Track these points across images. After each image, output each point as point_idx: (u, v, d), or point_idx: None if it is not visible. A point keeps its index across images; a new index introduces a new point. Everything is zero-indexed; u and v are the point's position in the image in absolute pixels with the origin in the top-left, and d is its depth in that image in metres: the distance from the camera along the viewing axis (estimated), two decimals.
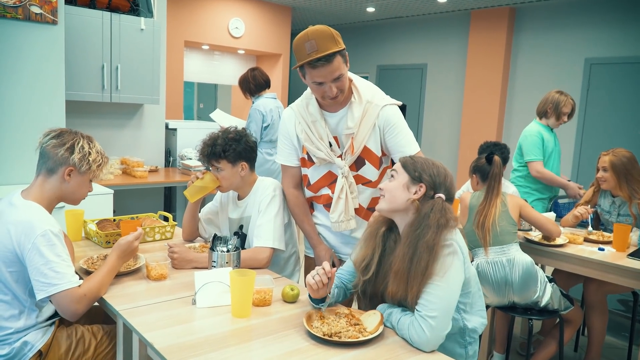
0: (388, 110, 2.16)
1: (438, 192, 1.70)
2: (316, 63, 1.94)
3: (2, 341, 1.76)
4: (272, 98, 4.68)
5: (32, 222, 1.75)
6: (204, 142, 2.33)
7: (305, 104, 2.22)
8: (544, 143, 3.67)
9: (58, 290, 1.70)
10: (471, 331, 1.73)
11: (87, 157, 1.90)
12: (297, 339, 1.58)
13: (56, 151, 1.86)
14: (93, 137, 2.01)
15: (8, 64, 3.29)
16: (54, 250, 1.74)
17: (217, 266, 1.99)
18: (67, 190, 1.91)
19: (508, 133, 7.60)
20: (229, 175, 2.31)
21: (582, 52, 6.78)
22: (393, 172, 1.78)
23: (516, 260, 2.62)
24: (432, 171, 1.71)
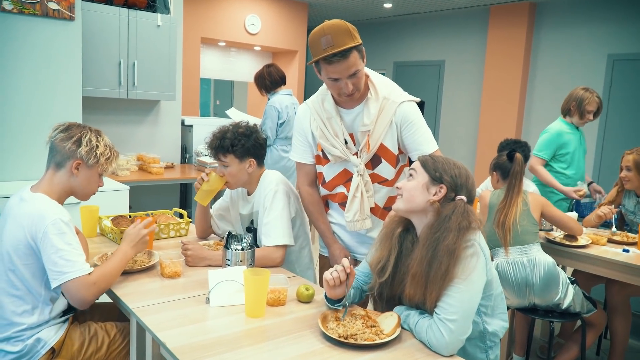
0: (406, 107, 2.10)
1: (459, 194, 1.65)
2: (332, 58, 1.89)
3: (15, 338, 1.75)
4: (288, 95, 4.65)
5: (42, 212, 1.75)
6: (213, 134, 2.29)
7: (321, 100, 2.17)
8: (564, 143, 3.55)
9: (69, 278, 1.70)
10: (492, 335, 1.68)
11: (94, 150, 1.89)
12: (312, 340, 1.54)
13: (64, 144, 1.86)
14: (102, 131, 1.99)
15: (25, 60, 3.30)
16: (64, 238, 1.73)
17: (231, 264, 1.96)
18: (75, 184, 1.90)
19: (527, 131, 7.48)
20: (235, 172, 2.26)
21: (604, 47, 6.64)
22: (412, 172, 1.72)
23: (537, 260, 2.55)
24: (453, 172, 1.65)
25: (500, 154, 2.91)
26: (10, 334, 1.74)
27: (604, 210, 3.00)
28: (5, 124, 3.26)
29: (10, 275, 1.76)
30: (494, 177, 2.90)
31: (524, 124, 7.53)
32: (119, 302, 1.80)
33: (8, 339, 1.74)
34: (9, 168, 3.30)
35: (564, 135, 3.55)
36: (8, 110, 3.26)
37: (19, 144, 3.30)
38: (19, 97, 3.29)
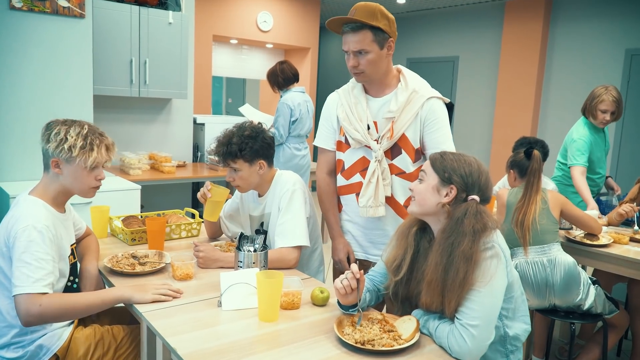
0: (434, 103, 2.11)
1: (471, 194, 1.58)
2: (344, 27, 1.97)
3: (16, 344, 1.70)
4: (301, 92, 4.59)
5: (18, 216, 1.68)
6: (218, 140, 2.20)
7: (351, 87, 2.22)
8: (591, 146, 3.33)
9: (16, 292, 1.59)
10: (513, 339, 1.61)
11: (62, 144, 1.75)
12: (328, 346, 1.49)
13: (42, 146, 1.80)
14: (81, 121, 1.85)
15: (36, 58, 3.28)
16: (29, 247, 1.63)
17: (243, 266, 1.91)
18: (66, 183, 1.81)
19: (543, 127, 7.36)
20: (246, 175, 2.19)
21: (622, 42, 6.50)
22: (422, 173, 1.66)
23: (557, 260, 2.48)
24: (463, 170, 1.58)
25: (517, 151, 2.84)
26: (9, 340, 1.70)
27: (626, 208, 2.91)
28: (17, 123, 3.24)
29: (2, 278, 1.70)
30: (511, 175, 2.83)
31: (539, 121, 7.41)
32: (130, 305, 1.75)
33: (8, 345, 1.70)
34: (20, 167, 3.29)
35: (591, 139, 3.34)
36: (19, 110, 3.24)
37: (30, 143, 3.28)
38: (29, 96, 3.27)
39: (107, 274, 1.99)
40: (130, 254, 2.15)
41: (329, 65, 10.99)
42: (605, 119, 3.28)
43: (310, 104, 4.67)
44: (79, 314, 1.72)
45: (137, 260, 2.09)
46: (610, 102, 3.23)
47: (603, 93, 3.24)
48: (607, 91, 3.24)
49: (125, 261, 2.08)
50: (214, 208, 2.26)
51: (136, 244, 2.40)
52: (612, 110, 3.25)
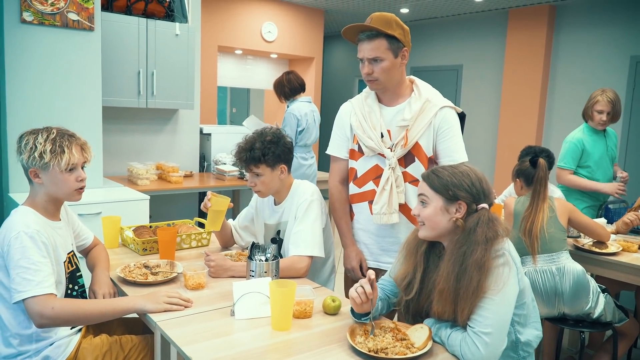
0: (447, 112, 2.15)
1: (480, 203, 1.60)
2: (360, 36, 2.02)
3: (22, 354, 1.71)
4: (307, 102, 4.63)
5: (10, 225, 1.71)
6: (240, 146, 2.24)
7: (364, 96, 2.25)
8: (586, 151, 3.40)
9: (23, 297, 1.61)
10: (524, 345, 1.62)
11: (33, 152, 1.75)
12: (341, 354, 1.50)
13: (18, 158, 1.81)
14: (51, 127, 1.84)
15: (46, 71, 3.32)
16: (25, 253, 1.65)
17: (255, 276, 1.92)
18: (49, 191, 1.82)
19: (548, 135, 7.37)
20: (268, 180, 2.23)
21: (627, 49, 6.52)
22: (423, 198, 1.65)
23: (566, 269, 2.49)
24: (465, 183, 1.59)
25: (522, 160, 2.86)
26: (15, 350, 1.71)
27: (631, 217, 2.92)
28: None
29: (1, 289, 1.72)
30: (517, 183, 2.84)
31: (544, 129, 7.42)
32: (144, 315, 1.77)
33: (14, 355, 1.71)
34: None
35: (585, 144, 3.40)
36: (30, 121, 3.27)
37: None
38: (40, 107, 3.31)
39: (120, 284, 2.01)
40: (142, 263, 2.17)
41: (333, 74, 11.04)
42: (602, 120, 3.35)
43: (316, 113, 4.71)
44: (91, 320, 1.74)
45: (150, 270, 2.11)
46: (605, 103, 3.31)
47: (598, 95, 3.36)
48: (602, 93, 3.35)
49: (137, 271, 2.10)
50: (215, 217, 2.27)
51: (147, 254, 2.42)
52: (607, 110, 3.32)
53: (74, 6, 3.38)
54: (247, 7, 7.30)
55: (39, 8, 3.27)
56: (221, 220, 2.30)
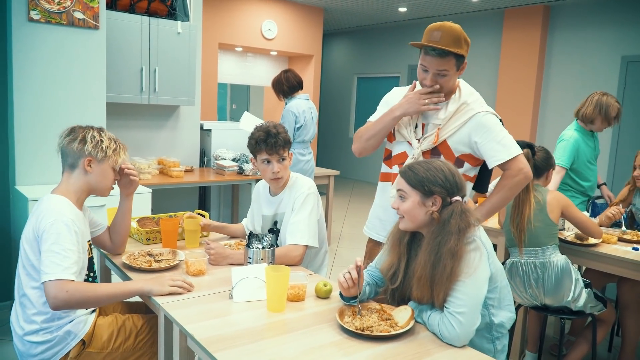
0: (483, 117, 2.15)
1: (453, 196, 1.72)
2: (430, 51, 2.04)
3: (45, 329, 1.85)
4: (305, 99, 4.75)
5: (47, 211, 1.86)
6: (262, 133, 2.37)
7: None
8: (580, 150, 3.47)
9: (45, 279, 1.76)
10: (498, 326, 1.75)
11: (99, 145, 2.01)
12: (331, 332, 1.63)
13: (72, 146, 1.99)
14: (104, 128, 2.10)
15: (52, 68, 3.44)
16: (58, 239, 1.80)
17: (252, 262, 2.06)
18: (92, 181, 2.02)
19: (542, 133, 7.50)
20: (288, 164, 2.44)
21: (618, 49, 6.66)
22: (402, 193, 1.77)
23: (549, 264, 2.60)
24: (438, 179, 1.70)
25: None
26: (39, 326, 1.85)
27: (613, 211, 3.04)
28: (34, 129, 3.40)
29: (30, 270, 1.86)
30: None
31: (538, 126, 7.56)
32: (149, 298, 1.90)
33: (37, 331, 1.85)
34: (38, 172, 3.44)
35: (579, 141, 3.48)
36: (37, 116, 3.40)
37: (47, 148, 3.44)
38: (46, 103, 3.43)
39: (126, 270, 2.14)
40: (146, 252, 2.30)
41: (332, 72, 11.16)
42: (611, 125, 3.46)
43: (314, 110, 4.83)
44: (101, 302, 1.87)
45: (153, 258, 2.24)
46: (617, 108, 3.40)
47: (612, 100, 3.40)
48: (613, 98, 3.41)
49: (142, 259, 2.23)
50: (191, 237, 2.51)
51: (151, 244, 2.55)
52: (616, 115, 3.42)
53: (80, 5, 3.50)
54: (248, 5, 7.42)
55: (46, 7, 3.38)
56: (197, 237, 2.51)
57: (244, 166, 4.86)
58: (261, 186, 2.63)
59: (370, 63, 10.22)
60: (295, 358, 1.46)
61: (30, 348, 1.85)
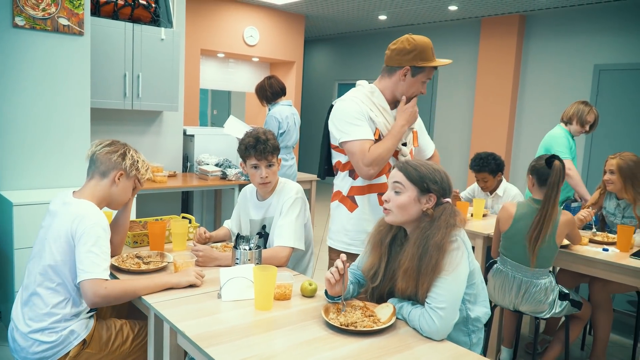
0: None
1: (446, 197, 1.82)
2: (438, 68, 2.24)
3: (50, 329, 1.92)
4: (288, 105, 4.83)
5: (86, 214, 1.96)
6: (252, 139, 2.43)
7: (366, 97, 2.31)
8: (569, 146, 3.88)
9: (87, 277, 1.87)
10: (474, 320, 1.84)
11: (136, 164, 2.18)
12: (316, 328, 1.71)
13: (110, 157, 2.11)
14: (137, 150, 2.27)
15: (37, 74, 3.46)
16: (98, 242, 1.92)
17: (240, 263, 2.13)
18: (115, 193, 2.13)
19: (518, 137, 7.69)
20: (276, 170, 2.50)
21: (591, 58, 6.87)
22: (398, 185, 1.83)
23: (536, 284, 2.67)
24: (436, 178, 1.80)
25: (539, 157, 2.82)
26: (47, 325, 1.91)
27: (583, 214, 3.16)
28: (19, 134, 3.42)
29: (48, 270, 1.94)
30: (530, 180, 2.80)
31: (515, 131, 7.75)
32: (139, 298, 1.95)
33: (44, 329, 1.91)
34: (22, 177, 3.46)
35: (569, 140, 3.92)
36: (22, 121, 3.43)
37: (32, 153, 3.46)
38: (31, 108, 3.45)
39: (115, 272, 2.19)
40: (134, 254, 2.35)
41: (314, 78, 11.26)
42: (586, 129, 3.90)
43: (296, 116, 4.92)
44: (137, 294, 1.94)
45: (142, 260, 2.29)
46: (595, 115, 3.93)
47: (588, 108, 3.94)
48: (590, 106, 3.95)
49: (130, 261, 2.28)
50: (178, 239, 2.57)
51: (138, 247, 2.60)
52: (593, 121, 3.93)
53: (64, 12, 3.54)
54: (230, 12, 7.48)
55: (30, 13, 3.41)
56: (184, 240, 2.58)
57: (227, 171, 4.91)
58: (248, 191, 2.70)
59: (350, 69, 10.35)
60: (283, 352, 1.53)
61: (32, 345, 1.91)
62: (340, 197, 2.39)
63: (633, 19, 6.49)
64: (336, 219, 2.41)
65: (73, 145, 3.64)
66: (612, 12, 6.65)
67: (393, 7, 7.43)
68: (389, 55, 2.29)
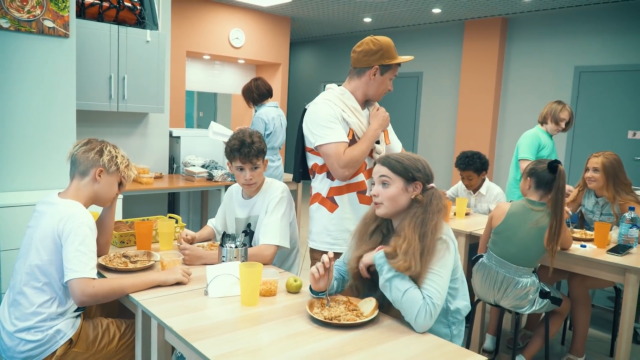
0: None
1: (431, 182, 1.90)
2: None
3: (36, 328, 1.94)
4: (274, 107, 4.87)
5: (72, 214, 1.98)
6: (237, 143, 2.46)
7: (337, 98, 2.38)
8: (540, 146, 3.96)
9: (75, 276, 1.89)
10: (454, 312, 1.89)
11: (114, 159, 2.17)
12: (301, 322, 1.75)
13: (87, 155, 2.11)
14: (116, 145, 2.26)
15: (23, 76, 3.46)
16: (85, 241, 1.94)
17: (226, 261, 2.17)
18: (99, 190, 2.14)
19: (501, 138, 7.80)
20: (262, 171, 2.53)
21: (572, 60, 7.00)
22: (385, 179, 1.89)
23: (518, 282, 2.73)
24: (419, 167, 1.89)
25: (540, 160, 2.86)
26: (32, 324, 1.93)
27: None
28: (5, 137, 3.42)
29: (35, 270, 1.96)
30: (527, 182, 2.83)
31: (498, 132, 7.86)
32: (127, 296, 1.98)
33: (29, 328, 1.93)
34: (9, 179, 3.46)
35: (541, 138, 4.00)
36: (7, 124, 3.42)
37: (18, 156, 3.46)
38: (16, 111, 3.45)
39: (102, 271, 2.21)
40: (122, 254, 2.38)
41: (299, 80, 11.31)
42: (562, 126, 4.00)
43: (283, 117, 4.96)
44: (125, 292, 1.97)
45: (129, 259, 2.32)
46: (568, 112, 4.03)
47: (561, 106, 4.03)
48: (564, 105, 4.03)
49: (117, 260, 2.31)
50: (165, 239, 2.59)
51: (125, 246, 2.62)
52: (568, 119, 4.02)
53: (49, 14, 3.54)
54: (216, 14, 7.50)
55: (15, 15, 3.41)
56: (171, 239, 2.60)
57: (213, 172, 4.94)
58: (234, 189, 2.73)
59: (336, 71, 10.41)
60: (269, 345, 1.58)
61: (19, 345, 1.92)
62: (320, 199, 2.45)
63: (612, 22, 6.63)
64: (317, 221, 2.46)
65: (59, 147, 3.64)
66: (592, 16, 6.79)
67: (378, 9, 7.50)
68: (356, 58, 2.39)
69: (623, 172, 3.24)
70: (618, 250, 2.85)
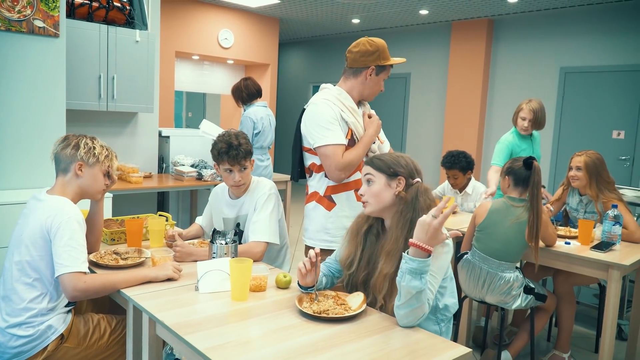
0: None
1: (415, 177, 1.93)
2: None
3: (27, 324, 1.95)
4: (263, 106, 4.90)
5: (60, 209, 2.00)
6: (225, 145, 2.48)
7: (335, 98, 2.43)
8: (513, 152, 3.88)
9: (66, 271, 1.91)
10: (443, 309, 1.93)
11: (92, 151, 2.17)
12: (290, 316, 1.79)
13: (65, 152, 2.13)
14: (96, 137, 2.26)
15: (13, 75, 3.46)
16: (74, 235, 1.96)
17: (216, 257, 2.20)
18: (83, 185, 2.15)
19: (488, 138, 7.88)
20: (249, 172, 2.57)
21: (557, 61, 7.10)
22: (369, 177, 1.95)
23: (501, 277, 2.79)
24: (400, 162, 1.93)
25: (515, 159, 2.95)
26: (23, 320, 1.95)
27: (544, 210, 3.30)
28: None
29: (25, 266, 1.98)
30: (506, 180, 2.91)
31: (485, 132, 7.94)
32: (118, 292, 2.01)
33: (20, 324, 1.95)
34: None
35: (513, 144, 3.90)
36: None
37: (7, 154, 3.46)
38: (6, 110, 3.45)
39: (93, 268, 2.23)
40: (112, 251, 2.40)
41: (288, 80, 11.34)
42: (524, 126, 3.85)
43: (272, 117, 4.99)
44: (116, 287, 1.99)
45: (120, 256, 2.34)
46: (527, 111, 3.81)
47: (524, 104, 3.85)
48: (528, 102, 3.84)
49: (108, 257, 2.33)
50: (156, 236, 2.61)
51: (115, 244, 2.64)
52: (529, 118, 3.81)
53: (40, 14, 3.55)
54: (205, 15, 7.52)
55: (5, 15, 3.42)
56: (162, 237, 2.62)
57: (203, 172, 4.96)
58: (219, 190, 2.76)
59: (324, 72, 10.45)
60: (259, 338, 1.61)
61: (10, 340, 1.94)
62: (317, 197, 2.48)
63: (597, 23, 6.73)
64: (315, 219, 2.49)
65: (48, 146, 3.57)
66: (577, 17, 6.89)
67: (366, 11, 7.56)
68: (353, 58, 2.44)
69: (606, 170, 3.30)
70: (601, 247, 2.91)
